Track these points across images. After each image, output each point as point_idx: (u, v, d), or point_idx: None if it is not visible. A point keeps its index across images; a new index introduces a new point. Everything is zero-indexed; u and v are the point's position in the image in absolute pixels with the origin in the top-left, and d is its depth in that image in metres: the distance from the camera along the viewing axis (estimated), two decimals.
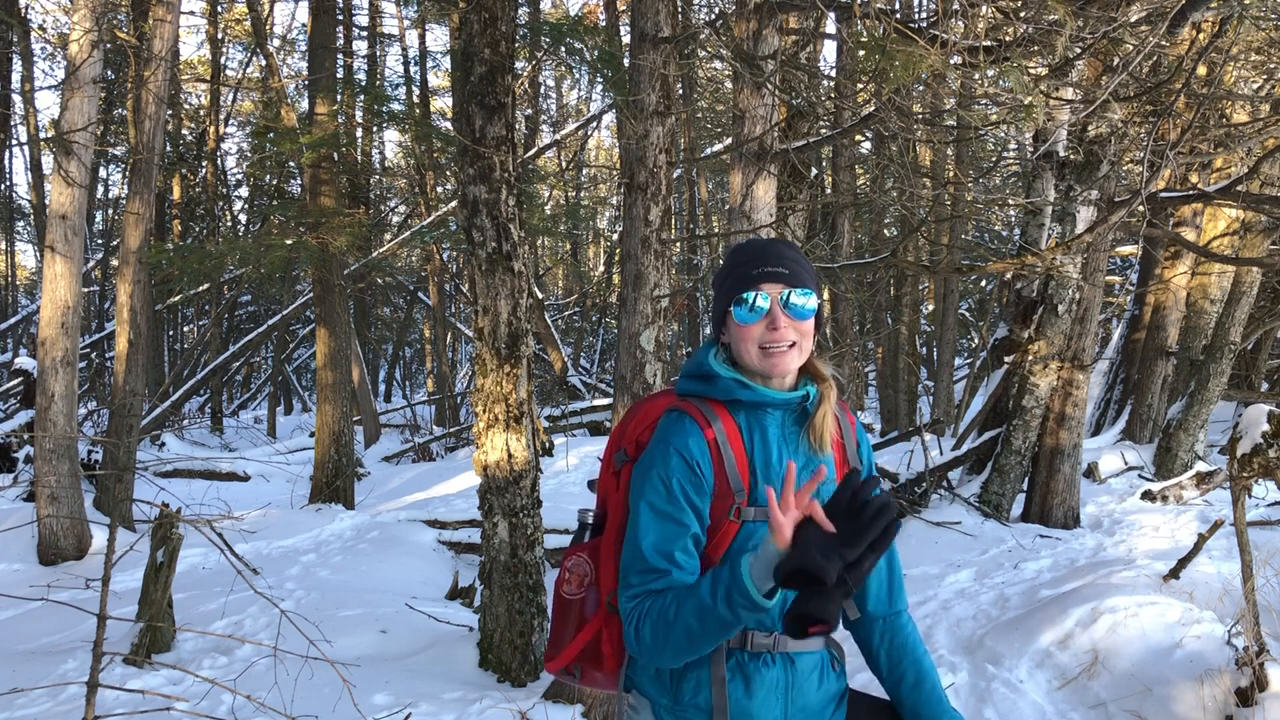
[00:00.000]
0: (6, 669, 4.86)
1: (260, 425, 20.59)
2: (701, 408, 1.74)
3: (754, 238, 1.81)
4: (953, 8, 4.15)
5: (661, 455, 1.69)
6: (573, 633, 1.81)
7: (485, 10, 4.63)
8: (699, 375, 1.78)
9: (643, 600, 1.63)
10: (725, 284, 1.76)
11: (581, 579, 1.83)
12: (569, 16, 13.09)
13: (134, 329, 8.56)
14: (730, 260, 1.79)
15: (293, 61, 21.16)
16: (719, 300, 1.77)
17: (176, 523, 5.08)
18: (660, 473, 1.67)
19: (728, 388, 1.74)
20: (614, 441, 1.89)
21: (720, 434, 1.71)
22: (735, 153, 6.04)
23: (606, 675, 1.82)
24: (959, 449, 9.32)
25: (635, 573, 1.65)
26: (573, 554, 1.86)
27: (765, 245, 1.77)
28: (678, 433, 1.70)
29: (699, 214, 21.38)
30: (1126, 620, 4.71)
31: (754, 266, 1.72)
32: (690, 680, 1.71)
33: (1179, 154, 5.70)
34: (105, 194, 24.19)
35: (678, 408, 1.76)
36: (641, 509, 1.67)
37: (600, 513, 1.89)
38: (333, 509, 9.58)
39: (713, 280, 1.83)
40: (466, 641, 5.32)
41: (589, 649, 1.80)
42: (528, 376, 4.96)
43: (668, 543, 1.65)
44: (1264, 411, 4.27)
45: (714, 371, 1.76)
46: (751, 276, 1.71)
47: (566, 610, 1.83)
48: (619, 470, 1.83)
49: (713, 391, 1.75)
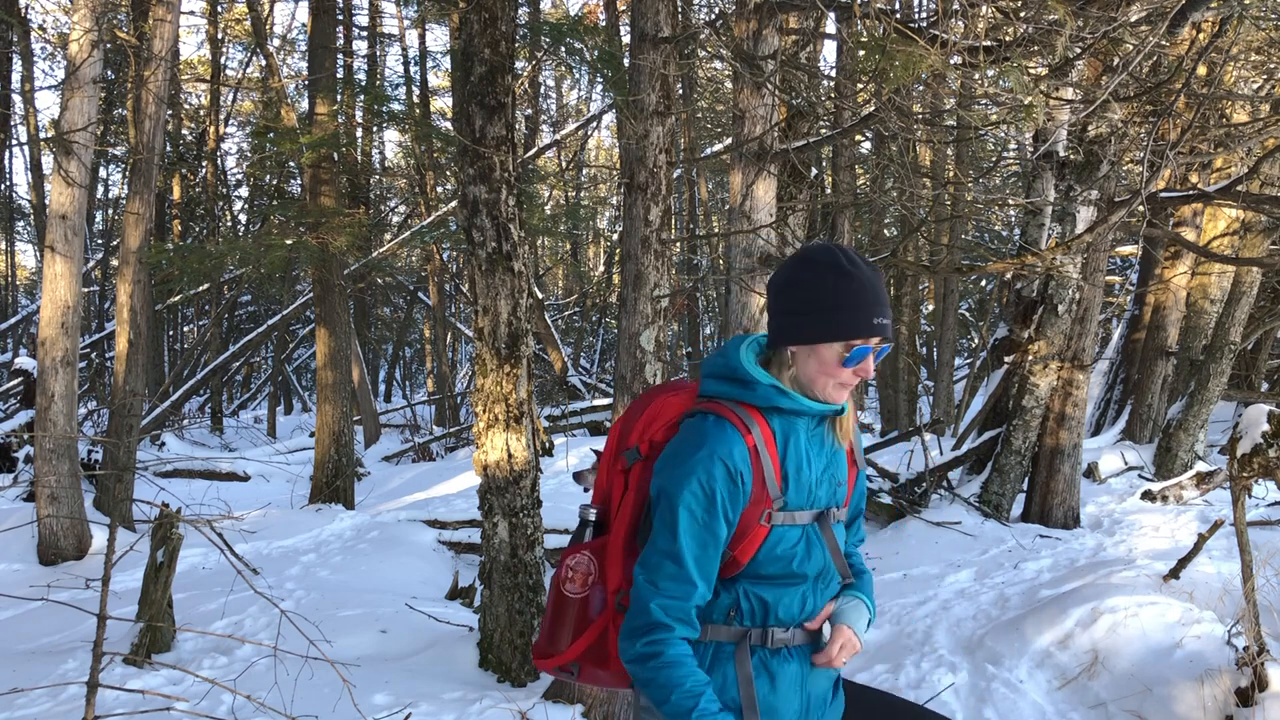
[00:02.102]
0: (6, 669, 4.86)
1: (260, 425, 20.58)
2: (737, 411, 1.72)
3: (855, 265, 1.68)
4: (953, 8, 4.15)
5: (704, 463, 1.66)
6: (573, 631, 1.80)
7: (485, 10, 4.63)
8: (733, 379, 1.75)
9: (674, 628, 1.64)
10: (833, 315, 1.68)
11: (585, 577, 1.80)
12: (569, 16, 13.09)
13: (134, 329, 8.56)
14: (839, 288, 1.68)
15: (293, 61, 21.17)
16: (810, 320, 1.69)
17: (176, 523, 5.08)
18: (702, 480, 1.65)
19: (767, 395, 1.72)
20: (619, 438, 1.86)
21: (759, 440, 1.70)
22: (735, 153, 6.04)
23: (613, 674, 1.81)
24: (959, 449, 9.32)
25: (668, 578, 1.65)
26: (575, 552, 1.84)
27: (876, 284, 1.69)
28: (720, 439, 1.68)
29: (699, 214, 21.38)
30: (1126, 620, 4.71)
31: (873, 313, 1.68)
32: (715, 679, 1.72)
33: (1179, 154, 5.70)
34: (105, 194, 24.19)
35: (713, 412, 1.72)
36: (680, 514, 1.65)
37: (602, 510, 1.86)
38: (333, 509, 9.58)
39: (786, 284, 1.73)
40: (466, 641, 5.32)
41: (594, 648, 1.79)
42: (528, 376, 4.96)
43: (706, 558, 1.66)
44: (1264, 411, 4.27)
45: (753, 377, 1.73)
46: (872, 325, 1.68)
47: (565, 608, 1.81)
48: (629, 468, 1.80)
49: (749, 397, 1.73)
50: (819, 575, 1.80)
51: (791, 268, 1.74)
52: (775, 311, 1.75)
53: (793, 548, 1.74)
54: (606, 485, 1.86)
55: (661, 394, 1.86)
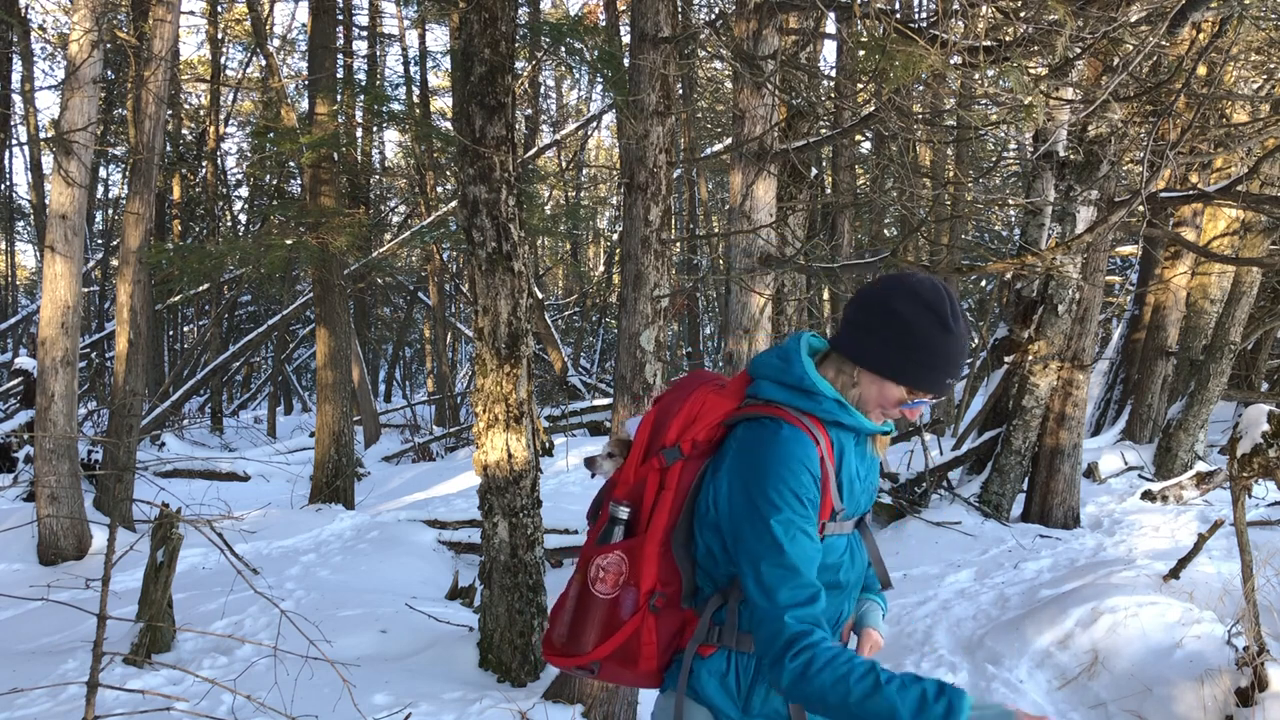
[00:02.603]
0: (6, 669, 4.86)
1: (260, 425, 20.58)
2: (804, 421, 1.70)
3: (957, 323, 1.68)
4: (953, 8, 4.15)
5: (795, 472, 1.63)
6: (600, 632, 1.75)
7: (485, 10, 4.63)
8: (799, 389, 1.73)
9: (813, 632, 1.57)
10: (920, 366, 1.69)
11: (617, 578, 1.75)
12: (569, 16, 13.09)
13: (134, 329, 8.56)
14: (937, 343, 1.68)
15: (293, 61, 21.17)
16: (897, 358, 1.69)
17: (176, 523, 5.08)
18: (795, 489, 1.63)
19: (831, 410, 1.72)
20: (651, 434, 1.80)
21: (824, 449, 1.70)
22: (735, 153, 6.04)
23: (641, 675, 1.78)
24: (959, 449, 9.33)
25: (789, 589, 1.60)
26: (605, 551, 1.77)
27: (965, 347, 1.71)
28: (800, 446, 1.66)
29: (699, 214, 21.39)
30: (1126, 620, 4.71)
31: (951, 375, 1.71)
32: (759, 690, 1.71)
33: (1179, 154, 5.70)
34: (105, 194, 24.19)
35: (784, 420, 1.70)
36: (781, 527, 1.61)
37: (633, 509, 1.79)
38: (333, 509, 9.58)
39: (887, 311, 1.70)
40: (466, 641, 5.32)
41: (622, 649, 1.75)
42: (528, 376, 4.96)
43: (812, 561, 1.64)
44: (1264, 411, 4.27)
45: (819, 390, 1.72)
46: (943, 386, 1.72)
47: (592, 608, 1.76)
48: (667, 467, 1.76)
49: (813, 408, 1.72)
50: (856, 583, 1.83)
51: (899, 296, 1.70)
52: (863, 329, 1.72)
53: (840, 556, 1.75)
54: (636, 482, 1.79)
55: (700, 390, 1.80)
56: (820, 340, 1.84)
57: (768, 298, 6.14)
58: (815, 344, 1.83)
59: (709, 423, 1.75)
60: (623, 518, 1.78)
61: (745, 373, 1.84)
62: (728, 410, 1.76)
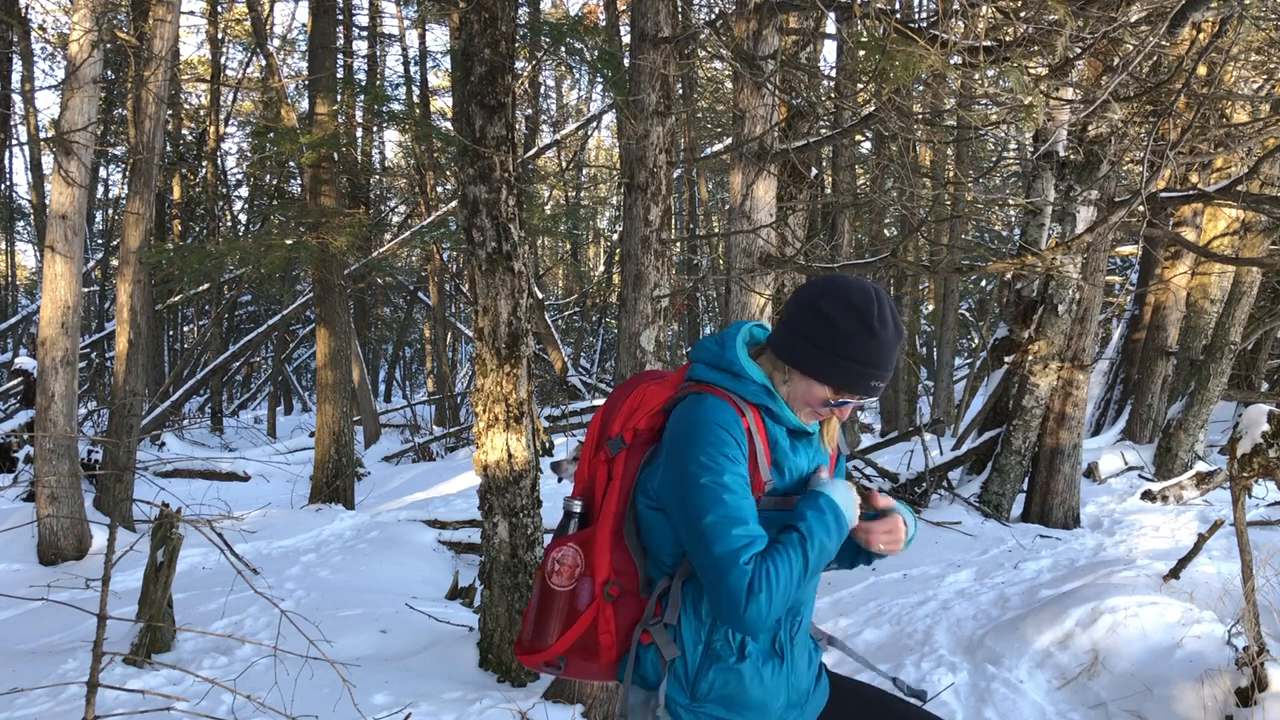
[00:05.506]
0: (6, 669, 4.86)
1: (260, 425, 20.59)
2: (731, 396, 1.75)
3: (884, 325, 1.71)
4: (953, 8, 4.15)
5: (715, 432, 1.68)
6: (561, 624, 1.78)
7: (485, 10, 4.63)
8: (727, 370, 1.78)
9: (756, 565, 1.62)
10: (842, 366, 1.72)
11: (573, 570, 1.79)
12: (569, 16, 13.08)
13: (134, 329, 8.56)
14: (859, 344, 1.71)
15: (293, 61, 21.16)
16: (820, 358, 1.72)
17: (176, 523, 5.08)
18: (721, 449, 1.67)
19: (757, 394, 1.77)
20: (600, 428, 1.86)
21: (752, 424, 1.74)
22: (735, 153, 6.05)
23: (601, 666, 1.80)
24: (959, 449, 9.33)
25: (731, 535, 1.63)
26: (560, 545, 1.82)
27: (893, 349, 1.73)
28: (722, 413, 1.71)
29: (699, 214, 21.39)
30: (1126, 620, 4.71)
31: (876, 378, 1.73)
32: (707, 676, 1.74)
33: (1179, 154, 5.70)
34: (105, 194, 24.19)
35: (707, 393, 1.75)
36: (712, 486, 1.65)
37: (586, 501, 1.85)
38: (333, 509, 9.58)
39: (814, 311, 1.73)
40: (466, 641, 5.32)
41: (582, 640, 1.78)
42: (528, 376, 4.96)
43: (751, 511, 1.67)
44: (1264, 411, 4.27)
45: (746, 374, 1.77)
46: (869, 388, 1.74)
47: (551, 601, 1.79)
48: (613, 458, 1.81)
49: (741, 390, 1.77)
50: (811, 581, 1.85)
51: (826, 297, 1.73)
52: (793, 328, 1.76)
53: None
54: (589, 476, 1.85)
55: (642, 383, 1.87)
56: (764, 331, 1.89)
57: (768, 298, 6.15)
58: (759, 334, 1.88)
59: (649, 410, 1.81)
60: (576, 511, 1.84)
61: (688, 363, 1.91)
62: (667, 397, 1.82)
